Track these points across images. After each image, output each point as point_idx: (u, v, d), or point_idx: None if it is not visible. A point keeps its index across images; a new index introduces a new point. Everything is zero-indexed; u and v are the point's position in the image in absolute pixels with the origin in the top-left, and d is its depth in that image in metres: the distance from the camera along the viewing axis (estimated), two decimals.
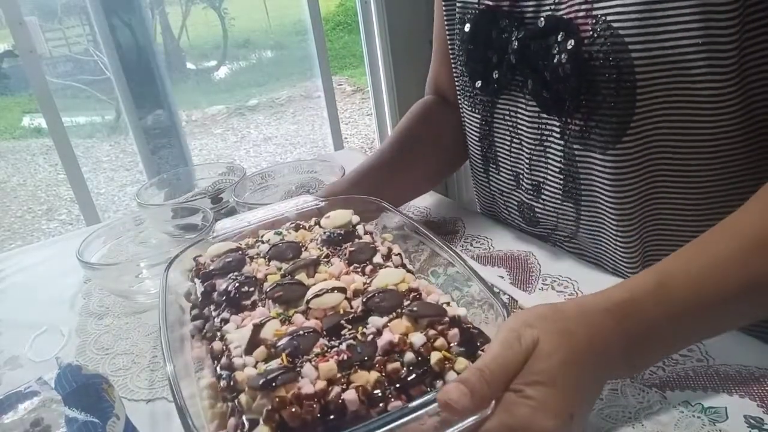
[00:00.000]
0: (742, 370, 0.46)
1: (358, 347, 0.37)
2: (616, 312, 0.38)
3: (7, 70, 3.63)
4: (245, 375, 0.36)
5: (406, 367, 0.36)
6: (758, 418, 0.42)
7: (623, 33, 0.50)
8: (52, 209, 3.25)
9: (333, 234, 0.52)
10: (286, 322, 0.41)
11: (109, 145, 3.71)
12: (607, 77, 0.52)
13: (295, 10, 2.80)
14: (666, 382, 0.46)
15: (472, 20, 0.67)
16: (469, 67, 0.69)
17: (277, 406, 0.33)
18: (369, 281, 0.45)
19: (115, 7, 2.38)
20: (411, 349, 0.37)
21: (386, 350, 0.36)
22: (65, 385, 0.39)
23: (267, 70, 4.53)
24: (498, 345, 0.35)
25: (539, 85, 0.60)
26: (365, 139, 4.03)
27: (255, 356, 0.37)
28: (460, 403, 0.32)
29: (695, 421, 0.42)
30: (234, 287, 0.45)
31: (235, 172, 0.92)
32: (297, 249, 0.51)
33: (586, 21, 0.53)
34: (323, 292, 0.42)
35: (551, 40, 0.56)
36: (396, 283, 0.44)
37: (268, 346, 0.38)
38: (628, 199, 0.57)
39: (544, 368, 0.34)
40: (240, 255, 0.50)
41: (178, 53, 2.73)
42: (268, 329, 0.39)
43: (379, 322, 0.39)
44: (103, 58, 2.38)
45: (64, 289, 0.74)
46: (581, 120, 0.57)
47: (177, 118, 2.78)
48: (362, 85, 4.69)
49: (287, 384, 0.34)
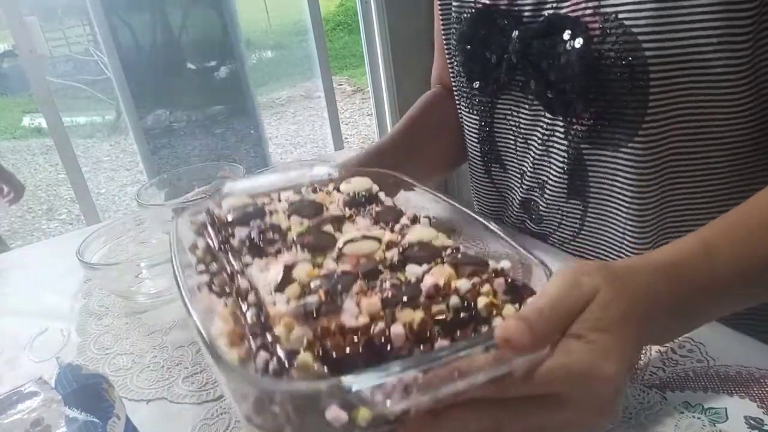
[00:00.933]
0: (742, 370, 0.46)
1: (401, 287, 0.35)
2: (664, 273, 0.38)
3: (7, 70, 3.63)
4: (278, 309, 0.33)
5: (452, 311, 0.34)
6: (758, 418, 0.42)
7: (636, 31, 0.50)
8: (53, 209, 3.25)
9: (357, 195, 0.49)
10: (317, 267, 0.38)
11: (110, 145, 3.71)
12: (619, 76, 0.52)
13: (295, 10, 2.79)
14: (666, 382, 0.46)
15: (469, 19, 0.66)
16: (466, 68, 0.69)
17: (321, 335, 0.31)
18: (401, 238, 0.42)
19: (115, 7, 2.38)
20: (456, 293, 0.35)
21: (430, 294, 0.35)
22: (65, 385, 0.39)
23: (267, 70, 4.53)
24: (557, 288, 0.35)
25: (543, 85, 0.59)
26: (365, 139, 4.03)
27: (287, 294, 0.35)
28: (520, 340, 0.31)
29: (695, 422, 0.42)
30: (257, 233, 0.42)
31: (235, 172, 0.92)
32: (319, 207, 0.48)
33: (595, 18, 0.52)
34: (357, 239, 0.40)
35: (556, 38, 0.56)
36: (430, 239, 0.42)
37: (302, 285, 0.35)
38: (644, 196, 0.57)
39: (606, 316, 0.34)
40: (259, 207, 0.47)
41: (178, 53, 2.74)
42: (300, 270, 0.37)
43: (419, 270, 0.37)
44: (104, 58, 2.38)
45: (64, 289, 0.74)
46: (589, 120, 0.56)
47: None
48: (362, 85, 4.69)
49: (329, 315, 0.32)
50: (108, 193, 3.28)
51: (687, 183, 0.56)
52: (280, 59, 4.49)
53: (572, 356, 0.32)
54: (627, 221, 0.59)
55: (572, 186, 0.62)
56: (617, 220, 0.60)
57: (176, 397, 0.52)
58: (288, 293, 0.35)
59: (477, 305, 0.34)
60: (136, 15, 2.59)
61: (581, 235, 0.65)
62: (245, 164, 2.62)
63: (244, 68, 2.85)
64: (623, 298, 0.35)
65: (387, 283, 0.36)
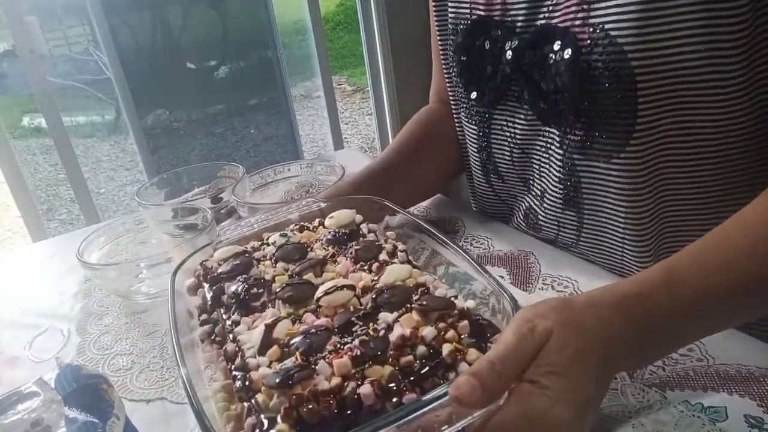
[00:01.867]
0: (742, 370, 0.46)
1: (370, 342, 0.37)
2: (625, 306, 0.38)
3: (6, 69, 3.63)
4: (260, 374, 0.36)
5: (419, 360, 0.36)
6: (758, 417, 0.42)
7: (622, 41, 0.49)
8: (52, 209, 3.25)
9: (338, 233, 0.53)
10: (297, 322, 0.41)
11: (109, 145, 3.70)
12: (608, 86, 0.52)
13: (295, 9, 2.80)
14: (666, 381, 0.46)
15: (465, 31, 0.66)
16: (463, 79, 0.69)
17: (294, 404, 0.33)
18: (377, 278, 0.45)
19: (115, 7, 2.38)
20: (423, 342, 0.37)
21: (398, 345, 0.37)
22: (65, 385, 0.39)
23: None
24: (510, 335, 0.35)
25: (536, 96, 0.59)
26: (365, 139, 4.03)
27: (269, 356, 0.38)
28: (471, 396, 0.32)
29: (695, 421, 0.42)
30: (243, 289, 0.45)
31: (234, 171, 0.92)
32: (303, 250, 0.51)
33: (584, 29, 0.52)
34: (333, 289, 0.43)
35: (547, 49, 0.55)
36: (404, 278, 0.44)
37: (281, 345, 0.38)
38: (637, 207, 0.56)
39: (559, 360, 0.34)
40: (247, 258, 0.51)
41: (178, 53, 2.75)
42: (279, 329, 0.40)
43: (390, 318, 0.39)
44: (103, 57, 2.38)
45: (64, 289, 0.74)
46: (581, 130, 0.56)
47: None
48: (362, 84, 4.69)
49: (303, 381, 0.34)
50: (108, 193, 3.28)
51: (681, 191, 0.56)
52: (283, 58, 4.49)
53: (526, 404, 0.33)
54: (625, 230, 0.59)
55: (567, 197, 0.62)
56: (614, 229, 0.60)
57: (176, 397, 0.52)
58: (269, 356, 0.37)
59: (442, 352, 0.36)
60: (135, 15, 2.59)
61: (580, 243, 0.65)
62: (245, 164, 2.63)
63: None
64: (577, 338, 0.35)
65: (357, 340, 0.37)
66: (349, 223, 0.54)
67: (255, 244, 0.54)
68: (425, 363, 0.36)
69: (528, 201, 0.69)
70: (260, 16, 2.78)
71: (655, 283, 0.40)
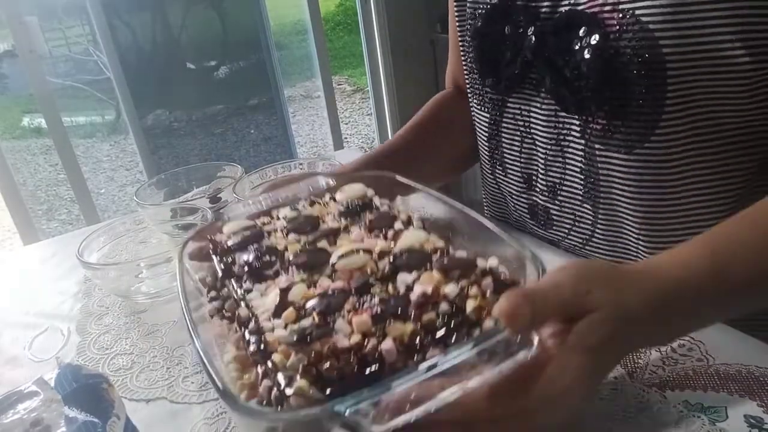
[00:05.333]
0: (742, 369, 0.46)
1: (390, 300, 0.36)
2: (669, 292, 0.39)
3: (6, 69, 3.63)
4: (276, 335, 0.35)
5: (442, 318, 0.35)
6: (758, 417, 0.42)
7: (653, 27, 0.48)
8: (52, 209, 3.25)
9: (351, 205, 0.51)
10: (312, 287, 0.40)
11: (109, 145, 3.71)
12: (636, 74, 0.50)
13: (295, 10, 2.80)
14: (666, 381, 0.46)
15: (484, 15, 0.64)
16: (480, 64, 0.67)
17: (313, 360, 0.32)
18: (393, 244, 0.44)
19: (115, 7, 2.38)
20: (445, 299, 0.36)
21: (419, 303, 0.35)
22: (65, 385, 0.39)
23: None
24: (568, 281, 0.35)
25: (558, 83, 0.57)
26: (365, 139, 4.03)
27: (284, 318, 0.36)
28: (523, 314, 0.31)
29: (695, 421, 0.42)
30: (255, 257, 0.44)
31: (234, 172, 0.92)
32: (315, 222, 0.49)
33: (612, 15, 0.51)
34: (349, 253, 0.41)
35: (572, 35, 0.54)
36: (421, 242, 0.43)
37: (297, 308, 0.37)
38: (652, 203, 0.55)
39: (598, 336, 0.35)
40: (257, 231, 0.49)
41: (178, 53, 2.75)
42: (295, 292, 0.39)
43: (409, 279, 0.38)
44: (103, 57, 2.38)
45: (64, 289, 0.74)
46: (604, 119, 0.55)
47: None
48: (362, 85, 4.69)
49: (322, 338, 0.33)
50: (108, 193, 3.28)
51: (704, 186, 0.54)
52: (280, 59, 4.49)
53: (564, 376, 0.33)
54: (641, 226, 0.58)
55: (586, 188, 0.61)
56: (629, 225, 0.59)
57: (176, 397, 0.52)
58: (285, 318, 0.36)
59: (466, 309, 0.35)
60: (135, 15, 2.59)
61: (593, 241, 0.64)
62: (245, 164, 2.64)
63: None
64: (619, 321, 0.36)
65: (376, 298, 0.37)
66: (360, 196, 0.53)
67: (265, 220, 0.53)
68: (448, 320, 0.34)
69: (533, 198, 0.68)
70: (256, 18, 2.78)
71: (701, 268, 0.40)
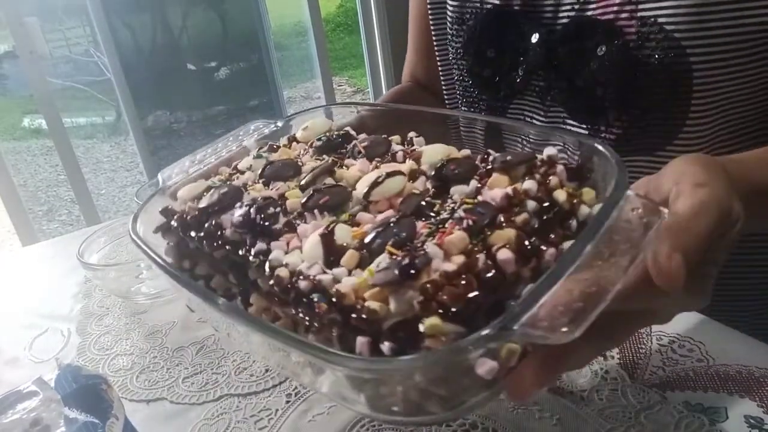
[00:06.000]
0: (742, 369, 0.46)
1: (477, 209, 0.31)
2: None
3: (7, 70, 3.63)
4: (352, 283, 0.28)
5: (536, 216, 0.31)
6: (758, 418, 0.42)
7: (678, 36, 0.47)
8: (53, 210, 3.25)
9: (331, 137, 0.43)
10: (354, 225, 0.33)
11: (110, 146, 3.71)
12: (659, 83, 0.49)
13: (295, 11, 2.80)
14: (666, 382, 0.46)
15: (478, 21, 0.62)
16: (474, 72, 0.64)
17: (431, 293, 0.27)
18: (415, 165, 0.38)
19: (115, 8, 2.38)
20: (527, 196, 0.31)
21: (503, 207, 0.31)
22: (65, 385, 0.39)
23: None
24: (708, 216, 0.30)
25: (568, 92, 0.56)
26: None
27: (345, 264, 0.30)
28: (678, 277, 0.28)
29: (695, 421, 0.42)
30: (256, 212, 0.35)
31: None
32: (295, 165, 0.41)
33: (631, 23, 0.50)
34: (381, 179, 0.35)
35: (586, 43, 0.53)
36: (448, 153, 0.38)
37: (356, 248, 0.31)
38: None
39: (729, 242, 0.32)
40: (230, 186, 0.40)
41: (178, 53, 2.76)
42: (341, 235, 0.32)
43: (466, 189, 0.34)
44: (104, 58, 2.38)
45: (64, 289, 0.74)
46: (620, 128, 0.54)
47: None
48: (362, 86, 4.69)
49: (423, 267, 0.28)
50: (108, 194, 3.28)
51: None
52: (280, 60, 4.49)
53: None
54: None
55: None
56: None
57: (176, 397, 0.52)
58: (346, 264, 0.30)
59: (558, 201, 0.31)
60: (136, 16, 2.59)
61: None
62: None
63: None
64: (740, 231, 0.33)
65: (460, 211, 0.31)
66: (327, 130, 0.45)
67: (222, 176, 0.44)
68: (545, 216, 0.31)
69: None
70: (255, 19, 2.79)
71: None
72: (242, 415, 0.48)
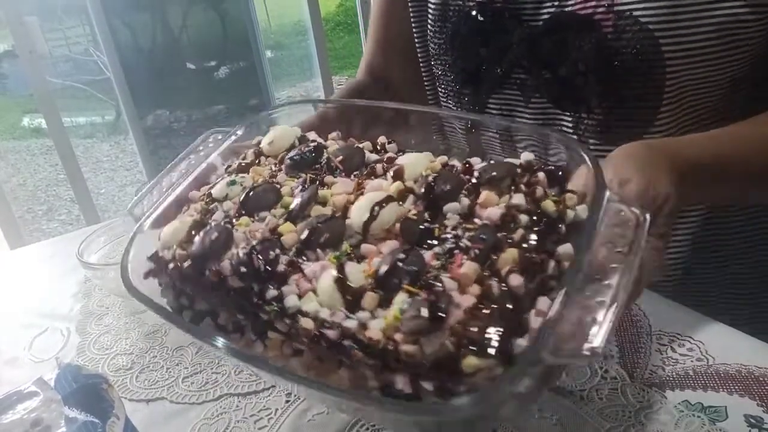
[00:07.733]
0: (742, 369, 0.46)
1: (481, 235, 0.32)
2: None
3: (6, 69, 3.63)
4: (379, 327, 0.29)
5: (529, 230, 0.32)
6: (758, 417, 0.42)
7: (653, 27, 0.50)
8: (52, 209, 3.24)
9: (303, 154, 0.42)
10: (359, 261, 0.34)
11: (109, 145, 3.70)
12: (635, 71, 0.52)
13: (295, 10, 2.80)
14: (666, 381, 0.46)
15: (462, 18, 0.64)
16: (457, 67, 0.66)
17: (461, 331, 0.28)
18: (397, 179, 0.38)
19: (115, 7, 2.38)
20: (518, 210, 0.33)
21: (500, 226, 0.33)
22: (65, 385, 0.39)
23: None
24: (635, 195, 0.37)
25: (551, 82, 0.58)
26: None
27: (366, 306, 0.31)
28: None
29: (695, 421, 0.42)
30: (259, 259, 0.35)
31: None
32: (274, 189, 0.40)
33: (608, 16, 0.53)
34: (375, 211, 0.35)
35: (567, 36, 0.55)
36: (425, 164, 0.38)
37: (372, 289, 0.31)
38: None
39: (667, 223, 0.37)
40: (218, 225, 0.38)
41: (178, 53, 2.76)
42: (353, 276, 0.32)
43: (458, 207, 0.35)
44: (103, 58, 2.38)
45: (64, 289, 0.74)
46: (600, 114, 0.56)
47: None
48: None
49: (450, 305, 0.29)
50: (108, 194, 3.27)
51: None
52: (280, 59, 4.49)
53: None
54: None
55: None
56: None
57: (176, 397, 0.52)
58: (367, 306, 0.31)
59: (547, 211, 0.33)
60: (136, 15, 2.59)
61: None
62: None
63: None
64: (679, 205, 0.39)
65: (464, 239, 0.32)
66: (293, 140, 0.44)
67: (198, 206, 0.42)
68: (538, 228, 0.32)
69: None
70: (245, 20, 2.78)
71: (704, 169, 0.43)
72: (242, 415, 0.49)
